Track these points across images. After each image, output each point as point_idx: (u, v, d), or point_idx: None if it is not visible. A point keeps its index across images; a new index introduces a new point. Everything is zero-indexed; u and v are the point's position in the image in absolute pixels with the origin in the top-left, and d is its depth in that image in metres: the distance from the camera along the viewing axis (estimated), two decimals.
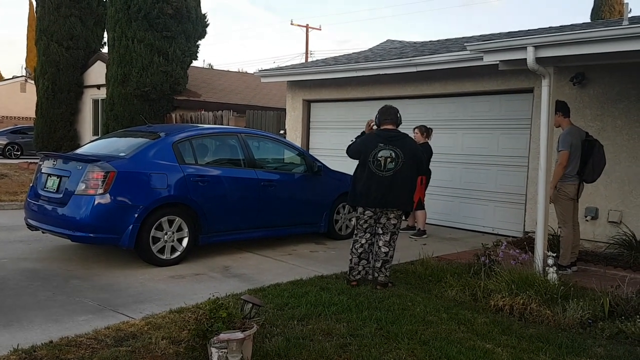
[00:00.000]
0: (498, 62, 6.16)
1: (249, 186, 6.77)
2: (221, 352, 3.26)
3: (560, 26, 10.11)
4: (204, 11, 16.18)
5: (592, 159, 6.12)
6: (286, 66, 12.47)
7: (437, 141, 8.67)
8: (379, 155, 5.33)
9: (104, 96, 16.53)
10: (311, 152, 10.82)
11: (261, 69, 12.26)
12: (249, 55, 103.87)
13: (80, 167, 5.90)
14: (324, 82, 10.89)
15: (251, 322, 3.57)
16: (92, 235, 5.77)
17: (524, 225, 8.28)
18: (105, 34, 16.86)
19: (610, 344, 4.14)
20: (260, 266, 6.26)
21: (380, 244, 5.44)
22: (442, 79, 9.15)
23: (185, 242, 6.20)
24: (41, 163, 6.63)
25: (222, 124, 13.76)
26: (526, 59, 5.55)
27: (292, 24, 37.05)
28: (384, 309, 4.67)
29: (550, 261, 5.35)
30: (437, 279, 5.58)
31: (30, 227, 6.45)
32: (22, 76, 33.44)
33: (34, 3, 18.66)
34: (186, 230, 6.19)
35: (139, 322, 4.16)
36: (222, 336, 3.28)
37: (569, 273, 6.02)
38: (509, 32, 10.86)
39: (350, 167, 5.88)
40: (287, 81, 11.68)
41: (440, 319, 4.50)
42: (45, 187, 6.27)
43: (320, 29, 52.58)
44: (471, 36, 11.04)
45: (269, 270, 6.08)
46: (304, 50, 35.76)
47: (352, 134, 6.52)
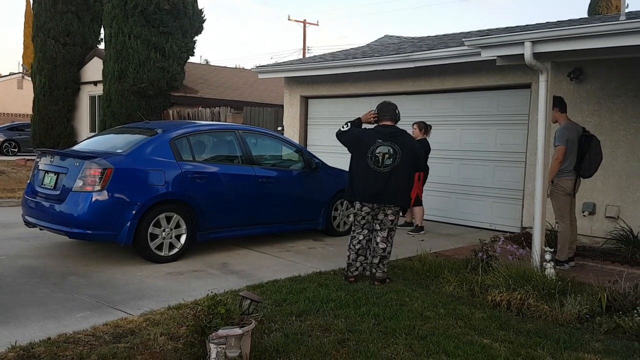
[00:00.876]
0: (496, 58, 6.15)
1: (246, 183, 6.76)
2: (220, 348, 3.26)
3: (558, 21, 10.10)
4: (200, 6, 16.15)
5: (589, 154, 6.13)
6: (283, 62, 12.45)
7: (435, 137, 8.67)
8: (377, 151, 5.33)
9: (100, 92, 16.50)
10: (309, 148, 10.82)
11: (258, 65, 12.24)
12: (246, 51, 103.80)
13: (78, 164, 5.89)
14: (321, 78, 10.87)
15: (249, 318, 3.57)
16: (89, 232, 5.76)
17: (522, 220, 8.30)
18: (102, 30, 16.82)
19: (607, 338, 4.16)
20: (259, 263, 6.27)
21: (378, 240, 5.45)
22: (440, 75, 9.15)
23: (183, 238, 6.20)
24: (38, 160, 6.62)
25: (219, 121, 13.73)
26: (524, 54, 5.55)
27: (289, 19, 37.00)
28: (381, 304, 4.68)
29: (547, 256, 5.36)
30: (435, 274, 5.59)
31: (28, 224, 6.44)
32: (19, 73, 33.36)
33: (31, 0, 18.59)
34: (184, 227, 6.19)
35: (137, 319, 4.16)
36: (221, 332, 3.28)
37: (567, 268, 6.03)
38: (507, 27, 10.87)
39: (348, 164, 5.86)
40: (285, 77, 11.66)
41: (438, 314, 4.51)
42: (42, 184, 6.26)
43: (318, 25, 52.24)
44: (469, 31, 11.02)
45: (267, 266, 6.08)
46: (302, 46, 35.76)
47: None
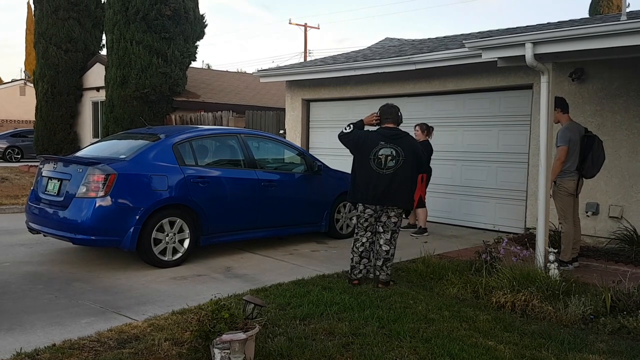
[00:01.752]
0: (497, 59, 6.16)
1: (249, 186, 6.77)
2: (224, 352, 3.27)
3: (559, 22, 10.10)
4: (201, 12, 16.18)
5: (591, 154, 6.12)
6: (285, 66, 12.47)
7: (437, 139, 8.67)
8: (379, 153, 5.33)
9: (103, 98, 16.54)
10: (311, 151, 10.83)
11: (260, 69, 12.27)
12: (247, 55, 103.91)
13: (81, 170, 5.91)
14: (323, 81, 10.89)
15: (253, 323, 3.58)
16: (93, 237, 5.77)
17: (525, 221, 8.29)
18: (104, 36, 16.87)
19: (612, 339, 4.15)
20: (262, 266, 6.27)
21: (381, 243, 5.45)
22: (441, 77, 9.15)
23: (186, 243, 6.21)
24: (41, 166, 6.64)
25: (221, 125, 13.76)
26: (525, 55, 5.55)
27: (290, 23, 37.08)
28: (385, 307, 4.68)
29: (551, 257, 5.35)
30: (439, 276, 5.58)
31: (32, 230, 6.46)
32: (21, 79, 33.48)
33: (32, 6, 18.65)
34: (187, 231, 6.20)
35: (142, 324, 4.17)
36: (225, 337, 3.28)
37: (571, 269, 6.02)
38: (507, 28, 10.87)
39: (350, 166, 5.86)
40: (286, 81, 11.68)
41: (442, 316, 4.50)
42: (46, 191, 6.27)
43: (319, 28, 52.59)
44: (469, 33, 11.04)
45: (270, 270, 6.08)
46: (303, 50, 35.79)
47: None
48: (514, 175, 8.53)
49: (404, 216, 5.68)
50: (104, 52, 17.69)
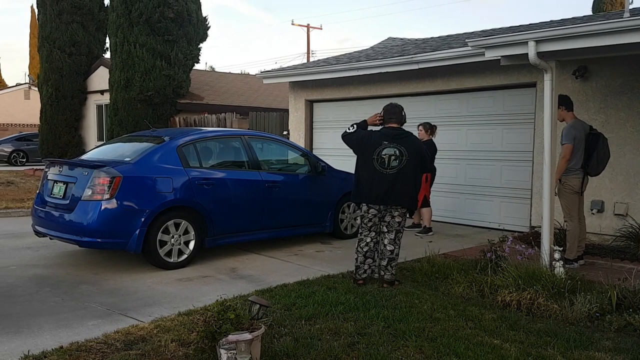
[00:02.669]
0: (500, 58, 6.15)
1: (253, 188, 6.79)
2: (230, 353, 3.28)
3: (561, 20, 10.07)
4: (204, 14, 16.23)
5: (596, 152, 6.10)
6: (288, 67, 12.49)
7: (441, 138, 8.67)
8: (383, 153, 5.34)
9: (107, 101, 16.62)
10: (315, 152, 10.84)
11: (263, 70, 12.28)
12: (250, 56, 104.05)
13: (86, 173, 5.94)
14: (326, 82, 10.90)
15: (259, 323, 3.59)
16: (99, 240, 5.80)
17: (530, 220, 8.27)
18: (108, 40, 16.95)
19: (618, 336, 4.14)
20: (267, 267, 6.29)
21: (386, 242, 5.45)
22: (445, 76, 9.15)
23: (192, 245, 6.23)
24: (47, 170, 6.67)
25: (225, 127, 13.79)
26: (528, 53, 5.54)
27: (292, 24, 37.11)
28: (391, 307, 4.68)
29: (556, 255, 5.34)
30: (444, 275, 5.58)
31: (38, 233, 6.49)
32: (25, 83, 33.60)
33: (36, 10, 18.76)
34: (192, 233, 6.22)
35: (148, 326, 4.19)
36: (231, 337, 3.30)
37: (576, 267, 6.01)
38: (510, 26, 10.85)
39: (354, 166, 5.87)
40: (289, 82, 11.69)
41: (447, 315, 4.50)
42: (51, 194, 6.31)
43: (321, 29, 52.55)
44: (472, 32, 11.02)
45: (275, 271, 6.10)
46: (306, 50, 35.79)
47: None
48: (518, 174, 8.52)
49: (407, 215, 5.68)
50: (107, 55, 17.79)
